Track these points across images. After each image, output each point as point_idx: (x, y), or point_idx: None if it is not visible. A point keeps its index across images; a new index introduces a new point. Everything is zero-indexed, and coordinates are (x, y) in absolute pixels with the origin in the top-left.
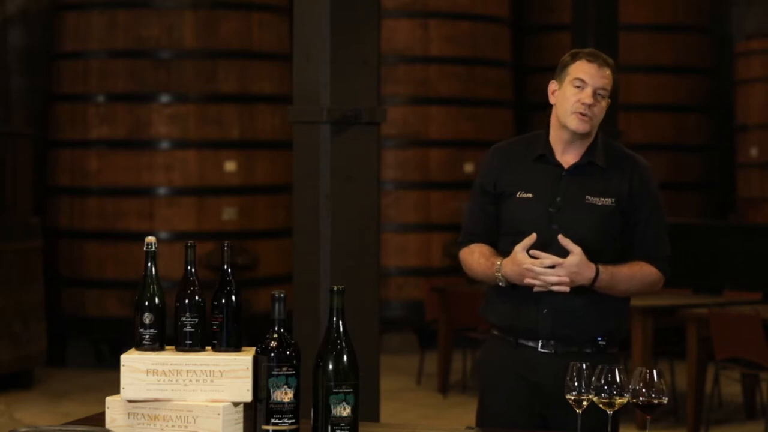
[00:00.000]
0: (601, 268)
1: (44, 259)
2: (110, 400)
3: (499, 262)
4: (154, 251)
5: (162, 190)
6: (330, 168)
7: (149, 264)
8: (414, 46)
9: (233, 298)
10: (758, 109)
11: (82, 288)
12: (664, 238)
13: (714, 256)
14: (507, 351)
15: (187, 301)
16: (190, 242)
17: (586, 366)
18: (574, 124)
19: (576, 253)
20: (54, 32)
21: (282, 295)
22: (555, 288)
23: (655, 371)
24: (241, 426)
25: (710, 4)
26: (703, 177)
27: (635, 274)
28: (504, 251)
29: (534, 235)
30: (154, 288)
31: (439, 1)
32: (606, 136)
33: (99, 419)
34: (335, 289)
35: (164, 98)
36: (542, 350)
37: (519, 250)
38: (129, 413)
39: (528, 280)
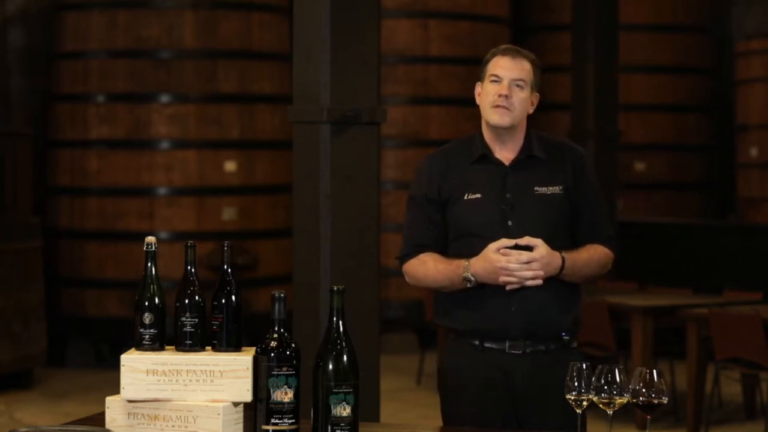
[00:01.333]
0: (564, 254)
1: (44, 259)
2: (110, 400)
3: (466, 263)
4: (154, 251)
5: (162, 190)
6: (330, 168)
7: (149, 264)
8: (414, 46)
9: (233, 298)
10: (758, 109)
11: (82, 288)
12: (608, 219)
13: (714, 256)
14: (473, 355)
15: (187, 301)
16: (190, 242)
17: (586, 366)
18: (495, 118)
19: (540, 244)
20: (54, 32)
21: (282, 295)
22: (530, 283)
23: (655, 371)
24: (241, 426)
25: (710, 4)
26: (703, 177)
27: (592, 256)
28: (456, 257)
29: (514, 241)
30: (154, 288)
31: (439, 1)
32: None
33: (99, 419)
34: (335, 289)
35: (164, 98)
36: (510, 351)
37: (493, 249)
38: (129, 413)
39: (503, 279)
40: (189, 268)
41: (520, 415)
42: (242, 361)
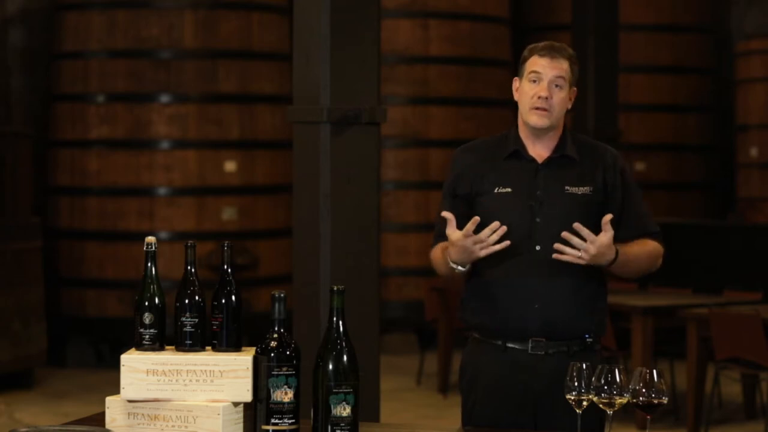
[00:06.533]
0: (618, 249)
1: (44, 259)
2: (110, 400)
3: (446, 251)
4: (154, 251)
5: (162, 190)
6: (330, 168)
7: (149, 264)
8: (414, 46)
9: (233, 298)
10: (758, 109)
11: (82, 288)
12: (651, 216)
13: (714, 256)
14: (494, 355)
15: (187, 301)
16: (190, 242)
17: (586, 366)
18: (534, 119)
19: (608, 232)
20: (54, 32)
21: (282, 295)
22: (570, 259)
23: (655, 371)
24: (241, 426)
25: (710, 4)
26: (703, 177)
27: (643, 249)
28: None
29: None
30: (154, 288)
31: (439, 1)
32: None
33: (99, 419)
34: (335, 289)
35: (164, 98)
36: (532, 352)
37: (457, 237)
38: (129, 413)
39: (484, 252)
40: (189, 268)
41: (540, 416)
42: (242, 361)
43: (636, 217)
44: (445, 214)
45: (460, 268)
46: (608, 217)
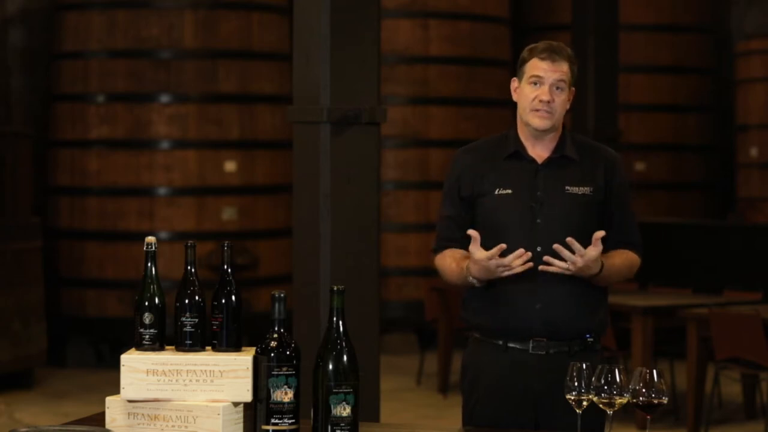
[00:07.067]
0: (604, 261)
1: (44, 259)
2: (110, 400)
3: (466, 267)
4: (154, 251)
5: (162, 190)
6: (330, 168)
7: (149, 264)
8: (414, 46)
9: (233, 298)
10: (758, 109)
11: (82, 288)
12: (636, 226)
13: (714, 256)
14: (496, 355)
15: (187, 301)
16: (190, 242)
17: (586, 366)
18: (536, 121)
19: (597, 247)
20: (54, 32)
21: (282, 295)
22: (557, 270)
23: (655, 371)
24: (241, 426)
25: (710, 4)
26: (703, 177)
27: (624, 262)
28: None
29: (503, 246)
30: (154, 288)
31: (439, 1)
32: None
33: (99, 419)
34: (335, 289)
35: (164, 98)
36: (533, 352)
37: (481, 257)
38: (129, 413)
39: (506, 274)
40: (189, 268)
41: (540, 416)
42: (242, 361)
43: (622, 226)
44: (471, 232)
45: (477, 283)
46: (600, 233)
